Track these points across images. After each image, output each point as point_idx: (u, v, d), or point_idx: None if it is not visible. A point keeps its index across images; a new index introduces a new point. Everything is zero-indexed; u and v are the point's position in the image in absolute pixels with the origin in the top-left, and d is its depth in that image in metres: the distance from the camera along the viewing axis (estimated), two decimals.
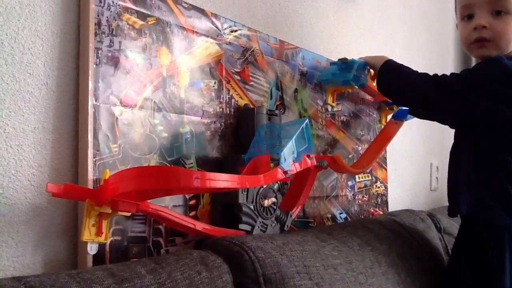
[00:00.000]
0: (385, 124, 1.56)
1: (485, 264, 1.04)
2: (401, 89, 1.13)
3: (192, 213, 0.92)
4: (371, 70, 1.27)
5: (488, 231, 1.05)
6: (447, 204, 1.18)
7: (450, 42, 2.39)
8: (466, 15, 1.09)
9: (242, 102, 1.06)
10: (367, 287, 1.00)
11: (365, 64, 1.27)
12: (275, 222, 1.05)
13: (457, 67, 2.45)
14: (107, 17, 0.81)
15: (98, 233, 0.71)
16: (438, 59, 2.24)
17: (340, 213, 1.38)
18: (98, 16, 0.79)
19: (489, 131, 1.06)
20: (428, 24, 2.14)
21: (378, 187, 1.59)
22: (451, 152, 1.18)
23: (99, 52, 0.79)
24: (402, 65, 1.15)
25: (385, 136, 1.47)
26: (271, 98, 1.15)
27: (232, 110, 1.04)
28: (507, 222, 1.03)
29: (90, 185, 0.75)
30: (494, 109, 1.01)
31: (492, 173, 1.05)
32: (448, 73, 1.08)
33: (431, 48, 2.16)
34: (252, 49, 1.10)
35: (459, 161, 1.11)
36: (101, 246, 0.74)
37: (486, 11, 1.04)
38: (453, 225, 1.53)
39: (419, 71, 1.12)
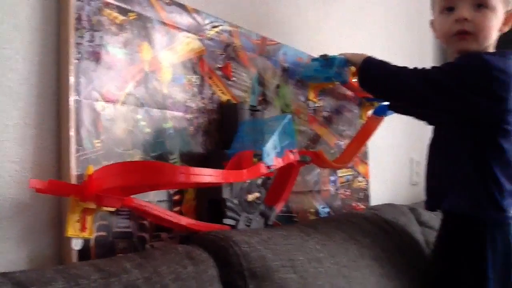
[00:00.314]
0: (366, 119, 1.58)
1: (472, 257, 1.06)
2: (390, 87, 1.14)
3: (176, 208, 0.92)
4: (352, 67, 1.29)
5: (476, 226, 1.06)
6: None
7: (429, 39, 2.42)
8: (447, 7, 1.10)
9: (224, 98, 1.06)
10: (350, 279, 1.01)
11: (346, 60, 1.28)
12: (259, 216, 1.06)
13: (436, 62, 2.49)
14: (87, 12, 0.80)
15: (83, 228, 0.70)
16: (417, 56, 2.28)
17: (323, 208, 1.39)
18: (78, 11, 0.78)
19: (486, 125, 1.06)
20: (407, 21, 2.17)
21: (360, 182, 1.61)
22: (433, 147, 1.20)
23: (80, 47, 0.78)
24: (383, 61, 1.17)
25: (366, 132, 1.48)
26: (253, 94, 1.15)
27: (215, 105, 1.04)
28: (495, 217, 1.05)
29: (73, 181, 0.74)
30: (488, 105, 1.02)
31: (489, 167, 1.05)
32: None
33: (410, 44, 2.19)
34: (234, 44, 1.10)
35: (452, 157, 1.11)
36: (86, 242, 0.74)
37: (467, 3, 1.05)
38: (434, 218, 1.55)
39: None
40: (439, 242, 1.18)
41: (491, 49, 1.11)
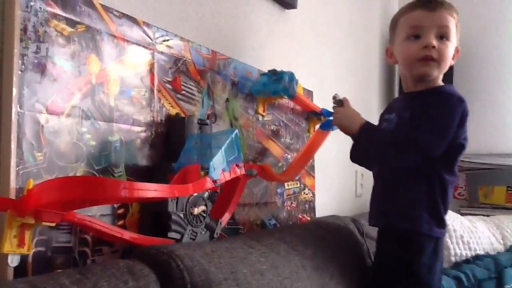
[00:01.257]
0: (313, 133, 1.63)
1: (419, 268, 1.16)
2: (379, 158, 1.25)
3: (120, 222, 0.92)
4: (299, 82, 1.33)
5: (423, 240, 1.17)
6: None
7: (375, 57, 2.53)
8: (413, 34, 1.19)
9: (173, 111, 1.07)
10: None
11: (293, 75, 1.33)
12: (205, 229, 1.07)
13: (382, 79, 2.60)
14: (33, 22, 0.79)
15: (20, 244, 0.69)
16: (364, 73, 2.37)
17: (269, 220, 1.42)
18: (24, 21, 0.77)
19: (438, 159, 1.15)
20: (355, 37, 2.25)
21: (306, 194, 1.65)
22: (379, 173, 1.28)
23: (25, 58, 0.77)
24: (375, 133, 1.22)
25: (313, 145, 1.53)
26: (202, 107, 1.17)
27: (163, 118, 1.04)
28: (440, 234, 1.19)
29: (13, 195, 0.73)
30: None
31: (431, 192, 1.17)
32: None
33: (357, 60, 2.28)
34: (184, 58, 1.11)
35: (401, 182, 1.20)
36: (23, 258, 0.72)
37: (433, 33, 1.16)
38: (374, 229, 1.62)
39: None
40: (385, 255, 1.25)
41: (440, 78, 1.22)
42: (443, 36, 1.16)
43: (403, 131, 1.16)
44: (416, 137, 1.13)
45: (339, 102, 1.32)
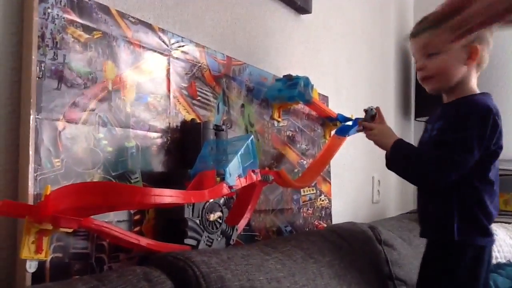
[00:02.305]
0: (328, 139, 1.62)
1: (459, 276, 1.16)
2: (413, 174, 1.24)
3: (137, 228, 0.92)
4: (315, 88, 1.32)
5: (460, 248, 1.17)
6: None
7: (391, 61, 2.50)
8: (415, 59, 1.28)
9: (189, 117, 1.07)
10: None
11: (309, 80, 1.32)
12: (221, 236, 1.06)
13: (398, 83, 2.57)
14: (51, 29, 0.80)
15: (38, 250, 0.69)
16: (380, 77, 2.35)
17: (286, 226, 1.41)
18: (41, 28, 0.78)
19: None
20: (370, 42, 2.24)
21: (322, 200, 1.63)
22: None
23: (42, 65, 0.78)
24: (408, 148, 1.24)
25: (328, 151, 1.51)
26: (218, 113, 1.16)
27: (179, 124, 1.04)
28: (482, 243, 1.18)
29: (31, 201, 0.73)
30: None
31: (463, 201, 1.17)
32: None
33: (373, 64, 2.26)
34: (200, 64, 1.11)
35: (433, 193, 1.22)
36: (41, 264, 0.72)
37: (421, 55, 1.23)
38: (393, 237, 1.60)
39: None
40: (427, 268, 1.25)
41: (471, 84, 1.22)
42: (431, 53, 1.20)
43: (432, 152, 1.18)
44: (444, 156, 1.14)
45: (372, 117, 1.33)
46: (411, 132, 2.74)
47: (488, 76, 1.24)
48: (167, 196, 0.80)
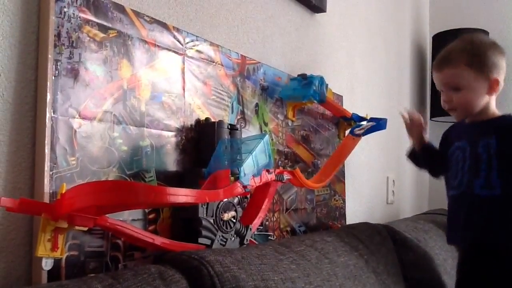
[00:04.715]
0: (343, 138, 1.60)
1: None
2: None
3: (151, 227, 0.92)
4: (329, 87, 1.31)
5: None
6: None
7: (406, 61, 2.48)
8: (439, 89, 1.34)
9: (203, 116, 1.07)
10: None
11: (323, 79, 1.31)
12: (235, 236, 1.06)
13: (413, 83, 2.55)
14: (67, 28, 0.80)
15: (54, 248, 0.70)
16: (395, 75, 2.33)
17: (299, 226, 1.40)
18: (58, 27, 0.78)
19: None
20: (386, 41, 2.22)
21: (336, 200, 1.62)
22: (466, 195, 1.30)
23: (58, 64, 0.78)
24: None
25: (343, 151, 1.51)
26: (232, 112, 1.16)
27: (193, 123, 1.04)
28: None
29: (47, 199, 0.74)
30: None
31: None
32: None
33: (388, 64, 2.24)
34: (214, 63, 1.11)
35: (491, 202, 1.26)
36: (57, 262, 0.73)
37: (446, 88, 1.30)
38: (409, 238, 1.58)
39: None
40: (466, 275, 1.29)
41: (492, 108, 1.30)
42: (456, 88, 1.27)
43: None
44: None
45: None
46: (427, 132, 2.70)
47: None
48: (182, 195, 0.80)
